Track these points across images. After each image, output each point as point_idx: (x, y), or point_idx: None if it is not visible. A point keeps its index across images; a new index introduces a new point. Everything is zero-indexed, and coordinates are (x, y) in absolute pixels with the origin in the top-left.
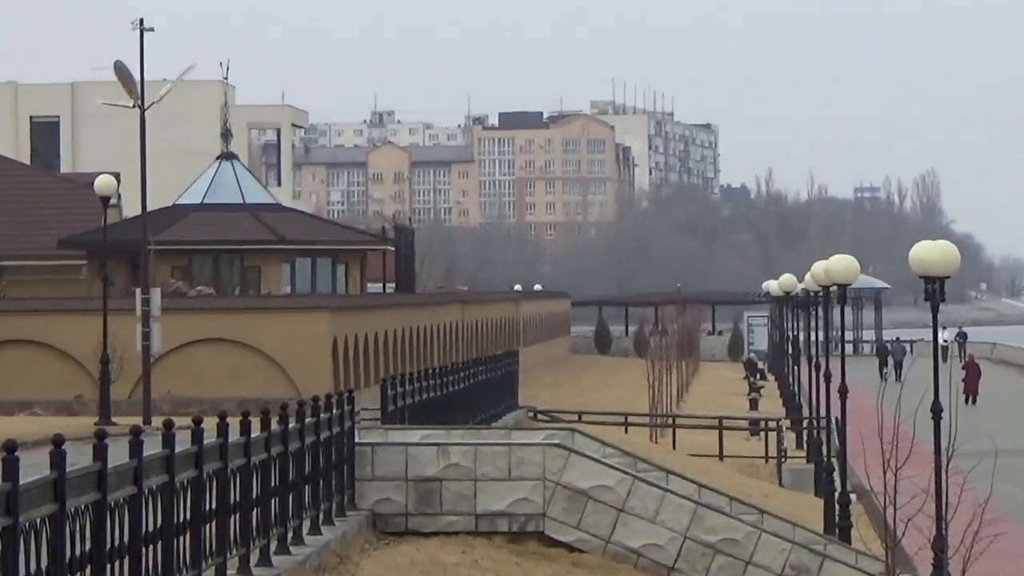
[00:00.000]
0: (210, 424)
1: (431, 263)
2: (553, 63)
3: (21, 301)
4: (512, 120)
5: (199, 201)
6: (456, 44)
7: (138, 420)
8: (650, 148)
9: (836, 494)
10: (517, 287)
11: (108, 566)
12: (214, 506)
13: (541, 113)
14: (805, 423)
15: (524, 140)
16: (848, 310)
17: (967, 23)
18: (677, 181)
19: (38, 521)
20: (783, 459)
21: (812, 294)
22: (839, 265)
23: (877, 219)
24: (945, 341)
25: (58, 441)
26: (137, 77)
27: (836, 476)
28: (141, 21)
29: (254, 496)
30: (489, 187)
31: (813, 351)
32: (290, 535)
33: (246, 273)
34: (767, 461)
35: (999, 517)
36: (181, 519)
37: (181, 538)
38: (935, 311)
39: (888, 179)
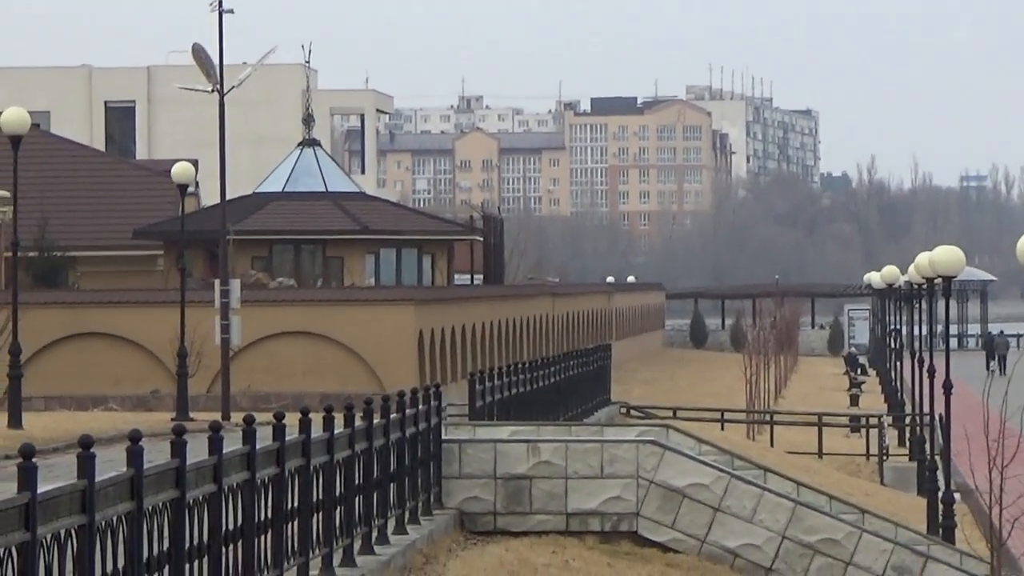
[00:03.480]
0: (292, 420)
1: (520, 254)
2: (648, 46)
3: (95, 293)
4: (605, 106)
5: (280, 189)
6: (547, 26)
7: (217, 416)
8: (748, 135)
9: (940, 493)
10: (609, 279)
11: (187, 566)
12: (296, 504)
13: (635, 98)
14: (908, 420)
15: (617, 126)
16: (953, 303)
17: None
18: (776, 169)
19: (114, 520)
20: (885, 457)
21: (916, 287)
22: (944, 257)
23: (983, 209)
24: None
25: (135, 437)
26: (216, 60)
27: (940, 474)
28: (220, 2)
29: (337, 494)
30: (581, 175)
31: (916, 345)
32: (375, 534)
33: (328, 264)
34: (868, 459)
35: None
36: (262, 518)
37: (262, 537)
38: None
39: (995, 167)
